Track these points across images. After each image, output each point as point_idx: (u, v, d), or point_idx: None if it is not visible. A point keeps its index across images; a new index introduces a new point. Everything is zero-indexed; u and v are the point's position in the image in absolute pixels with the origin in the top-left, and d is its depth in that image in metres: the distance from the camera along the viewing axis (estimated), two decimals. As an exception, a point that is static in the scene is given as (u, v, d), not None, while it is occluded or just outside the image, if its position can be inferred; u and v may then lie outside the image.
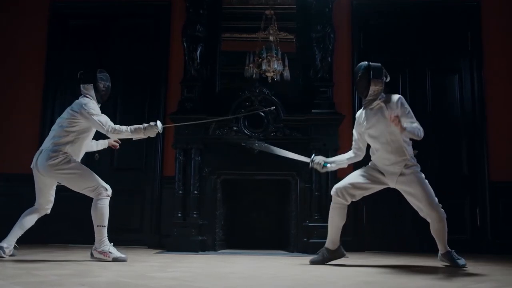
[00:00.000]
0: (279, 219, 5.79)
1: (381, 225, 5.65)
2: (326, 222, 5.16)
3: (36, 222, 4.20)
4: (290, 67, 5.74)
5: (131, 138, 4.09)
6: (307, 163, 4.19)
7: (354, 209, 5.52)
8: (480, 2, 6.00)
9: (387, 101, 3.85)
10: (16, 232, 4.07)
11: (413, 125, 3.73)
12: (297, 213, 5.33)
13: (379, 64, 3.95)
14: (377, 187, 4.00)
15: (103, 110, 4.31)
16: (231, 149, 5.39)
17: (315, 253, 4.90)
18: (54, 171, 3.92)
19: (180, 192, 5.33)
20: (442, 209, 3.82)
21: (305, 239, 5.19)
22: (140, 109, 6.06)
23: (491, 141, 5.75)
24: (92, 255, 3.98)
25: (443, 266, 3.88)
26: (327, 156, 5.25)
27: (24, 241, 4.80)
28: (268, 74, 5.63)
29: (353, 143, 4.12)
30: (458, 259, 3.81)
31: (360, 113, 4.03)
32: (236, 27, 6.28)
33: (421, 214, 3.89)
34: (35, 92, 6.13)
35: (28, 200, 5.80)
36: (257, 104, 5.44)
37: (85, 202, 5.77)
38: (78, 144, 4.05)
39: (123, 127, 4.01)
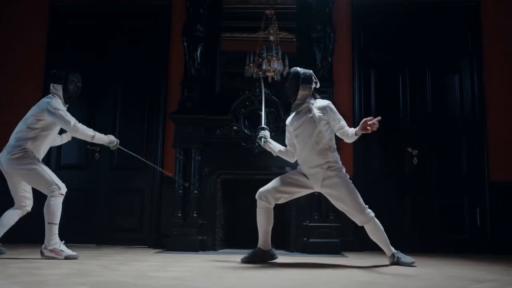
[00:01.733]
0: (279, 219, 5.78)
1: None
2: (326, 222, 5.21)
3: (36, 222, 4.20)
4: (290, 66, 5.70)
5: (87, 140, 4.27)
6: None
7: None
8: (480, 2, 6.00)
9: (316, 104, 3.96)
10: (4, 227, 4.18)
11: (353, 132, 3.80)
12: (297, 213, 5.33)
13: (310, 71, 4.06)
14: (302, 191, 4.07)
15: (104, 110, 4.34)
16: (231, 149, 5.39)
17: (315, 253, 4.93)
18: (13, 166, 4.00)
19: (180, 191, 5.32)
20: (369, 210, 3.84)
21: (304, 239, 5.19)
22: (140, 109, 6.06)
23: (491, 141, 5.75)
24: (42, 253, 3.95)
25: (442, 266, 3.87)
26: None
27: (24, 241, 4.81)
28: (268, 74, 5.62)
29: (288, 144, 4.20)
30: (405, 257, 3.87)
31: (290, 118, 4.13)
32: (236, 27, 6.28)
33: (350, 217, 3.93)
34: (35, 92, 6.10)
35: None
36: (257, 104, 5.44)
37: (86, 203, 5.81)
38: (39, 141, 4.11)
39: (88, 129, 4.18)
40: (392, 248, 3.92)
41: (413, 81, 5.99)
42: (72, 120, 4.05)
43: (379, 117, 3.66)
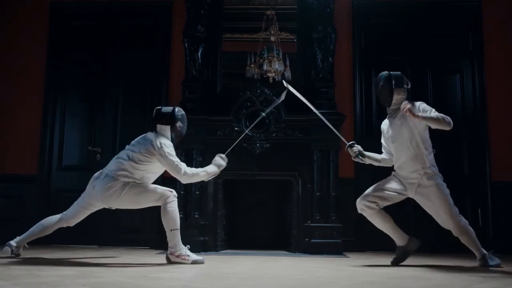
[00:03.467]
0: (280, 219, 5.79)
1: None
2: (327, 222, 5.20)
3: (36, 222, 4.19)
4: (291, 67, 5.74)
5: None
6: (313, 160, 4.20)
7: (356, 209, 5.50)
8: (481, 2, 5.99)
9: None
10: (32, 236, 4.02)
11: (431, 114, 3.70)
12: (299, 214, 5.33)
13: (399, 73, 3.95)
14: (398, 197, 3.97)
15: (105, 111, 4.33)
16: (232, 149, 5.38)
17: (316, 254, 4.92)
18: (111, 199, 3.83)
19: (182, 192, 5.32)
20: (462, 218, 3.80)
21: (306, 239, 5.19)
22: (141, 110, 6.06)
23: (492, 141, 5.75)
24: (168, 259, 3.87)
25: (444, 266, 3.87)
26: (328, 156, 5.28)
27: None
28: (269, 74, 5.62)
29: (384, 150, 4.13)
30: (492, 260, 3.77)
31: (385, 122, 4.08)
32: (237, 28, 6.28)
33: (441, 224, 3.86)
34: (36, 93, 6.13)
35: (29, 201, 5.87)
36: (258, 105, 5.44)
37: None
38: (142, 179, 3.92)
39: (197, 170, 4.02)
40: (483, 250, 3.83)
41: (414, 81, 5.93)
42: (182, 167, 3.88)
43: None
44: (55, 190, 5.94)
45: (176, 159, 3.87)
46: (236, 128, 5.41)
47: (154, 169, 3.94)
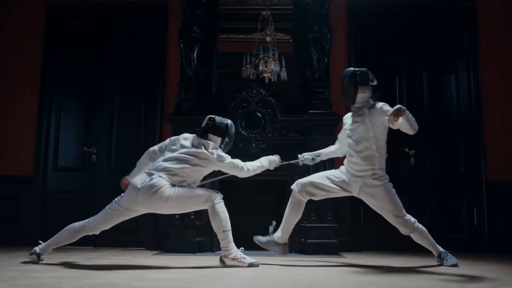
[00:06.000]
0: (277, 219, 5.78)
1: (379, 225, 5.62)
2: (323, 222, 5.21)
3: (33, 223, 4.17)
4: (287, 67, 5.74)
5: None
6: (299, 164, 4.25)
7: (352, 209, 5.53)
8: (476, 3, 6.01)
9: (372, 107, 3.83)
10: (55, 243, 3.84)
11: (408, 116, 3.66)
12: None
13: (366, 69, 3.90)
14: (340, 192, 3.95)
15: (101, 112, 4.30)
16: (228, 150, 5.38)
17: (312, 254, 4.93)
18: (157, 203, 3.64)
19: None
20: (409, 217, 3.80)
21: (302, 239, 5.19)
22: (137, 111, 6.05)
23: (487, 140, 5.76)
24: (223, 262, 3.75)
25: (439, 266, 3.88)
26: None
27: (22, 243, 4.80)
28: (265, 74, 5.62)
29: (338, 140, 4.17)
30: (450, 258, 3.81)
31: (347, 117, 4.05)
32: (232, 28, 6.28)
33: (390, 222, 3.88)
34: (32, 94, 6.11)
35: (25, 202, 5.85)
36: (254, 105, 5.45)
37: (83, 204, 5.79)
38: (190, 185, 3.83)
39: (256, 163, 4.06)
40: (439, 248, 3.87)
41: (409, 81, 6.00)
42: (242, 164, 3.90)
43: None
44: (51, 191, 5.92)
45: (233, 160, 3.88)
46: (232, 128, 5.40)
47: (206, 172, 3.92)
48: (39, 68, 6.17)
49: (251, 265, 3.72)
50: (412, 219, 3.80)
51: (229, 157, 3.88)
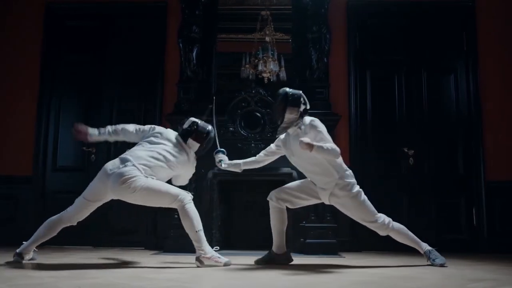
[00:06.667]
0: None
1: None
2: (322, 222, 5.21)
3: (32, 223, 4.16)
4: (286, 67, 5.74)
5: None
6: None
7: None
8: (475, 3, 6.01)
9: (302, 126, 3.75)
10: (36, 240, 3.80)
11: (325, 144, 3.57)
12: (293, 214, 5.32)
13: (300, 92, 3.83)
14: (313, 200, 3.96)
15: (100, 112, 4.31)
16: (227, 150, 5.38)
17: (311, 254, 4.93)
18: (126, 192, 3.61)
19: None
20: (382, 219, 3.78)
21: (301, 239, 5.19)
22: (136, 111, 6.05)
23: (486, 140, 5.77)
24: (200, 262, 3.67)
25: (439, 266, 3.88)
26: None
27: (21, 243, 4.78)
28: (264, 74, 5.63)
29: (265, 151, 4.10)
30: (437, 258, 3.78)
31: (284, 137, 3.95)
32: (232, 28, 6.28)
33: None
34: (31, 94, 6.11)
35: (24, 202, 5.85)
36: (253, 105, 5.45)
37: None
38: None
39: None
40: (425, 246, 3.85)
41: (408, 81, 6.00)
42: None
43: None
44: (50, 191, 5.92)
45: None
46: (231, 128, 5.41)
47: (173, 174, 3.90)
48: (39, 68, 6.17)
49: (226, 264, 3.69)
50: (386, 219, 3.79)
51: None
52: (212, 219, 5.39)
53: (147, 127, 3.97)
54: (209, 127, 4.02)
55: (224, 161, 4.09)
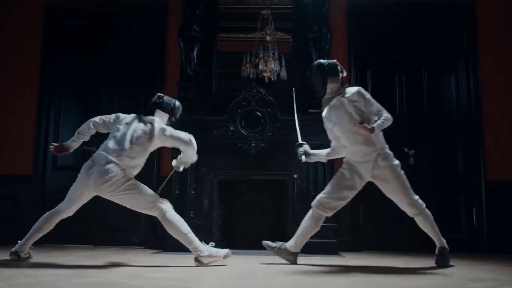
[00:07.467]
0: (276, 219, 5.79)
1: (378, 225, 5.64)
2: (323, 222, 5.18)
3: (32, 222, 4.14)
4: (287, 67, 5.73)
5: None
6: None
7: (351, 208, 5.52)
8: (476, 3, 6.01)
9: (347, 93, 3.79)
10: (33, 236, 3.80)
11: (379, 121, 3.66)
12: (294, 213, 5.33)
13: (334, 60, 3.92)
14: (355, 192, 3.93)
15: (99, 111, 4.27)
16: (227, 149, 5.39)
17: (311, 253, 4.92)
18: (106, 190, 3.64)
19: (177, 192, 5.32)
20: (419, 201, 3.78)
21: (302, 239, 5.18)
22: (136, 110, 6.02)
23: (487, 140, 5.76)
24: (200, 262, 3.67)
25: (442, 267, 3.87)
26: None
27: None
28: (265, 74, 5.62)
29: (332, 140, 4.06)
30: (443, 257, 3.76)
31: (325, 113, 3.98)
32: (232, 27, 6.28)
33: (399, 205, 3.84)
34: (31, 93, 6.11)
35: (24, 201, 5.85)
36: (254, 104, 5.45)
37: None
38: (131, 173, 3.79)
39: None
40: (443, 241, 3.81)
41: (409, 81, 6.00)
42: (186, 135, 3.87)
43: None
44: (50, 190, 5.92)
45: (179, 132, 3.85)
46: (232, 128, 5.41)
47: (151, 149, 3.86)
48: (39, 67, 6.17)
49: (226, 256, 3.72)
50: (421, 201, 3.78)
51: (175, 130, 3.85)
52: (212, 219, 5.39)
53: (112, 116, 3.94)
54: (177, 101, 4.06)
55: (307, 152, 4.02)
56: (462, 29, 6.04)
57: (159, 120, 3.89)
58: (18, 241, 3.82)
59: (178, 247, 5.05)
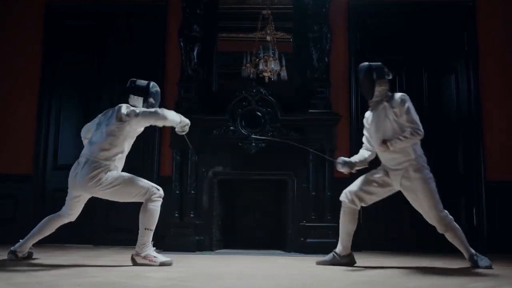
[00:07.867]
0: (276, 219, 5.79)
1: (378, 225, 5.64)
2: (323, 222, 5.21)
3: (32, 222, 4.15)
4: (287, 67, 5.73)
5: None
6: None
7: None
8: (476, 3, 6.01)
9: (391, 100, 3.78)
10: (33, 237, 3.81)
11: (401, 136, 3.64)
12: (294, 213, 5.33)
13: (380, 63, 3.92)
14: (386, 191, 3.89)
15: (100, 111, 4.27)
16: (228, 149, 5.39)
17: (311, 253, 4.92)
18: (94, 189, 3.65)
19: (177, 192, 5.32)
20: (448, 217, 3.71)
21: (302, 239, 5.19)
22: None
23: (487, 140, 5.76)
24: (134, 260, 3.70)
25: (440, 266, 3.88)
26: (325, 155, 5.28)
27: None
28: (265, 74, 5.62)
29: (365, 142, 4.05)
30: (481, 260, 3.66)
31: (368, 115, 3.98)
32: (233, 27, 6.28)
33: (427, 219, 3.79)
34: (31, 93, 6.11)
35: (24, 201, 5.85)
36: (254, 104, 5.45)
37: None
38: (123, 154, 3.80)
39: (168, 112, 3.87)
40: (471, 250, 3.72)
41: (409, 81, 6.00)
42: (150, 109, 3.80)
43: None
44: (50, 189, 5.92)
45: (142, 108, 3.81)
46: (232, 128, 5.41)
47: (128, 142, 3.83)
48: (39, 67, 6.17)
49: (162, 264, 3.67)
50: (450, 216, 3.73)
51: (141, 108, 3.80)
52: (212, 219, 5.39)
53: (96, 119, 3.99)
54: (150, 82, 4.00)
55: (349, 162, 3.98)
56: (462, 29, 6.05)
57: (127, 105, 3.83)
58: (20, 240, 3.82)
59: (177, 247, 5.09)
